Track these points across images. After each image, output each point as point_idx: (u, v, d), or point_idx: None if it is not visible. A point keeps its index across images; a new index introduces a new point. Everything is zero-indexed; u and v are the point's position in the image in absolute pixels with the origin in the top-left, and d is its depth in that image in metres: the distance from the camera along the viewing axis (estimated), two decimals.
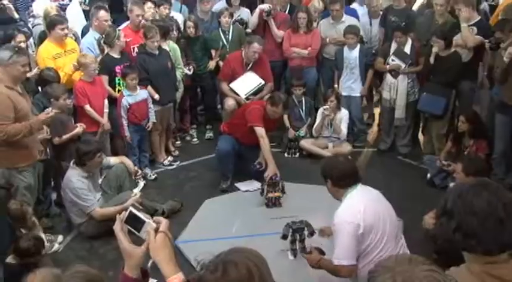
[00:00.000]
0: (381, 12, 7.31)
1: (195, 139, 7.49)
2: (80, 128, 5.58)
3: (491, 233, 1.83)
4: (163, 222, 1.90)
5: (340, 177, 3.55)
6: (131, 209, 1.93)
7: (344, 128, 6.80)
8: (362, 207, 3.40)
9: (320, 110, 6.82)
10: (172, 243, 1.87)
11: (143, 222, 1.90)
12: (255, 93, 6.81)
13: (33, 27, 7.44)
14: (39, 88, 5.74)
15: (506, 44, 5.56)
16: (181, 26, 7.12)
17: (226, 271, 1.62)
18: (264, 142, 5.77)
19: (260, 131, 5.80)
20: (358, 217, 3.37)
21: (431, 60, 6.23)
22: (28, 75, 5.22)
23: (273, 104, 5.89)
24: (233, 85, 6.84)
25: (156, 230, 1.87)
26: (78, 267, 1.72)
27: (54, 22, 6.10)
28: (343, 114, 6.85)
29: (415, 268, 1.47)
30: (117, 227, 1.89)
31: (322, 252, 3.81)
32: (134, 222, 1.91)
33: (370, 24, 7.30)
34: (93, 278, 1.71)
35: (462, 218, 1.86)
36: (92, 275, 1.71)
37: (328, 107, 6.68)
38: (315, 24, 7.32)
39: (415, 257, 1.55)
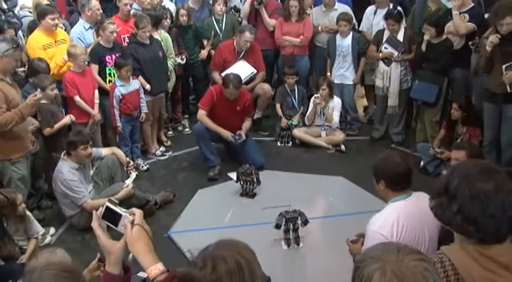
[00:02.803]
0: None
1: (187, 129, 7.45)
2: (68, 117, 5.55)
3: (492, 223, 1.79)
4: (137, 213, 1.89)
5: (395, 179, 3.16)
6: (107, 203, 1.91)
7: (336, 117, 6.77)
8: (401, 226, 3.03)
9: (312, 98, 6.80)
10: (149, 234, 1.85)
11: (120, 216, 1.89)
12: (247, 82, 6.77)
13: (21, 18, 7.32)
14: (29, 79, 5.67)
15: (487, 33, 5.53)
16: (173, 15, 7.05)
17: (216, 267, 1.62)
18: (202, 120, 6.15)
19: (199, 112, 6.22)
20: (392, 233, 3.02)
21: (423, 47, 6.20)
22: (17, 69, 5.16)
23: (223, 84, 6.10)
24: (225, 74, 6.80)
25: (133, 223, 1.85)
26: (51, 260, 1.68)
27: (45, 11, 6.00)
28: (336, 102, 6.83)
29: (405, 258, 1.45)
30: (95, 224, 1.87)
31: None
32: (111, 217, 1.89)
33: (374, 13, 7.06)
34: (67, 269, 1.67)
35: (465, 202, 1.82)
36: (65, 266, 1.67)
37: (319, 95, 6.66)
38: (308, 11, 7.27)
39: (404, 246, 1.52)
